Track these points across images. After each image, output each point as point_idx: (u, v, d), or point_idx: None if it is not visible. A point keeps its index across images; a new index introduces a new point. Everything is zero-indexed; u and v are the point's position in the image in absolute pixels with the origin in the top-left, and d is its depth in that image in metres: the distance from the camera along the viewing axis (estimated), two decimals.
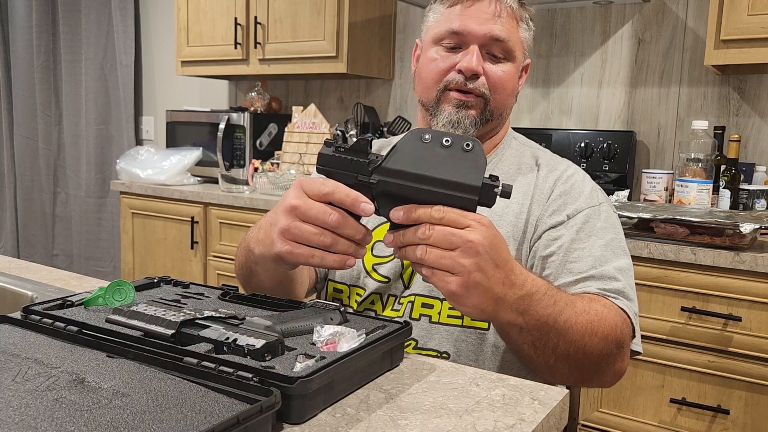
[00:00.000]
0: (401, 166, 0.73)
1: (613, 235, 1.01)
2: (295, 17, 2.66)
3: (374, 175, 0.73)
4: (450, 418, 0.62)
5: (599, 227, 1.00)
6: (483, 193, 0.72)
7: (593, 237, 0.99)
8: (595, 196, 1.04)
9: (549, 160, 1.11)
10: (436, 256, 0.71)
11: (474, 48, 1.02)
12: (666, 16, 2.28)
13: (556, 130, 2.41)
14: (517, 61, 1.07)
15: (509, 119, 1.16)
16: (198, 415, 0.54)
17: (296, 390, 0.58)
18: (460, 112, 1.04)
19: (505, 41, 1.03)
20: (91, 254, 3.81)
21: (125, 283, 0.82)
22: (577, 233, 0.99)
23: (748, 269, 1.60)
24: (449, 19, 1.04)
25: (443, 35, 1.04)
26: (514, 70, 1.06)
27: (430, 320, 1.01)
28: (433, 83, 1.05)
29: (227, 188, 2.64)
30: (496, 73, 1.04)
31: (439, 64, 1.04)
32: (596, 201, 1.03)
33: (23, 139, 3.99)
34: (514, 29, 1.05)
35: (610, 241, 0.99)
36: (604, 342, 0.86)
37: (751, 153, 2.17)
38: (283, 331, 0.71)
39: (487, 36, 1.02)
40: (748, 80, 2.16)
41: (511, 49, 1.04)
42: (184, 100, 3.52)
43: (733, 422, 1.67)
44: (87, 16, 3.70)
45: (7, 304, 1.06)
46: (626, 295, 0.95)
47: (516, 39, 1.05)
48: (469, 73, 1.02)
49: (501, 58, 1.04)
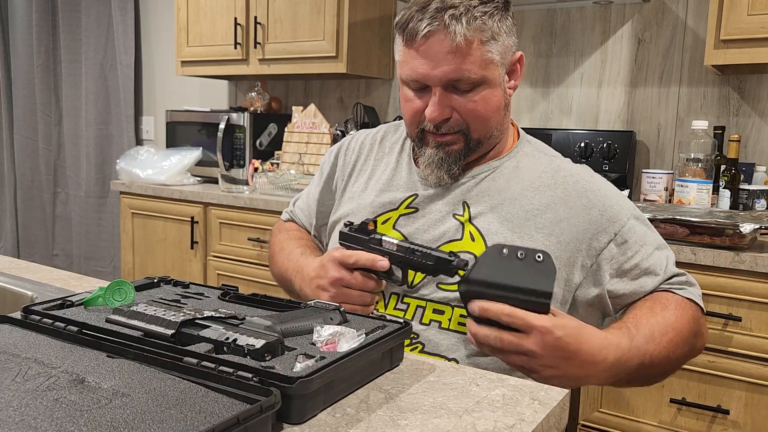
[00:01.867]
0: (483, 276, 0.85)
1: (651, 231, 1.06)
2: (295, 17, 2.66)
3: (462, 285, 0.88)
4: (450, 418, 0.62)
5: (643, 232, 1.04)
6: (442, 266, 0.93)
7: (645, 246, 1.03)
8: (627, 204, 1.06)
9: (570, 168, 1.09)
10: (513, 359, 0.84)
11: (436, 91, 0.99)
12: (666, 16, 2.28)
13: (556, 130, 2.41)
14: (493, 79, 1.01)
15: (509, 123, 1.12)
16: (198, 415, 0.54)
17: (296, 390, 0.58)
18: (440, 152, 1.04)
19: (464, 78, 0.98)
20: (91, 254, 3.81)
21: (125, 283, 0.82)
22: (636, 253, 1.02)
23: (748, 269, 1.60)
24: (408, 63, 1.01)
25: (407, 80, 1.03)
26: (490, 90, 1.01)
27: (440, 326, 1.01)
28: (410, 124, 1.07)
29: (227, 188, 2.64)
30: (467, 106, 1.00)
31: (412, 107, 1.04)
32: (632, 209, 1.06)
33: (23, 139, 3.99)
34: (475, 55, 0.97)
35: (654, 240, 1.05)
36: (685, 345, 0.96)
37: (751, 153, 2.17)
38: (283, 331, 0.71)
39: (443, 79, 0.98)
40: (748, 80, 2.16)
41: (476, 78, 0.98)
42: (184, 100, 3.52)
43: (733, 422, 1.67)
44: (87, 16, 3.69)
45: (7, 304, 1.06)
46: (689, 282, 1.04)
47: (479, 64, 0.98)
48: (435, 122, 1.01)
49: (469, 89, 1.00)
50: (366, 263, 0.97)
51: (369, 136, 1.24)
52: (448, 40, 0.96)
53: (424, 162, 1.06)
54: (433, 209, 1.07)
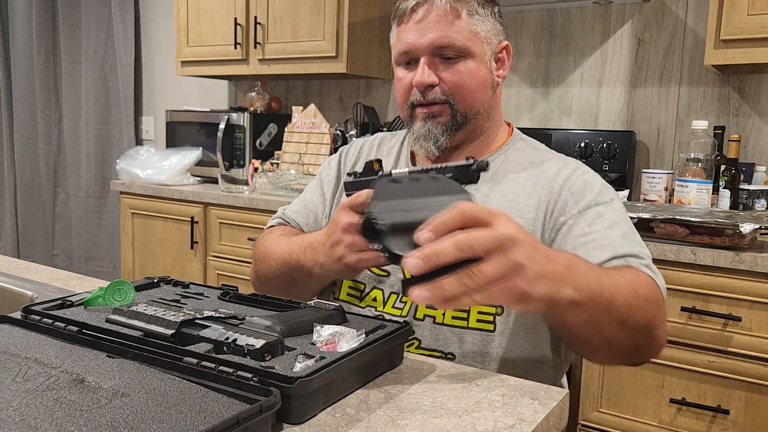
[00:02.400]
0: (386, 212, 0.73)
1: (627, 228, 1.00)
2: (295, 17, 2.66)
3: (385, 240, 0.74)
4: (450, 418, 0.62)
5: (613, 220, 0.99)
6: (462, 174, 0.82)
7: (609, 229, 0.97)
8: (605, 193, 1.03)
9: (558, 159, 1.09)
10: (490, 272, 0.63)
11: (422, 61, 1.03)
12: (666, 16, 2.28)
13: (556, 130, 2.41)
14: (478, 54, 1.05)
15: (500, 108, 1.14)
16: (198, 415, 0.54)
17: (296, 390, 0.58)
18: (428, 123, 1.06)
19: (450, 44, 1.02)
20: (91, 254, 3.81)
21: (125, 283, 0.82)
22: (590, 226, 0.98)
23: (748, 269, 1.60)
24: (399, 40, 1.07)
25: (398, 56, 1.08)
26: (475, 65, 1.05)
27: (434, 321, 1.01)
28: (402, 103, 1.09)
29: (227, 188, 2.64)
30: (453, 76, 1.03)
31: (402, 84, 1.07)
32: (608, 198, 1.03)
33: (23, 139, 3.99)
34: (461, 25, 1.03)
35: (627, 233, 0.99)
36: (647, 303, 0.85)
37: (751, 153, 2.17)
38: (283, 331, 0.71)
39: (431, 46, 1.02)
40: (748, 80, 2.16)
41: (462, 47, 1.03)
42: (184, 100, 3.52)
43: (733, 422, 1.67)
44: (87, 16, 3.69)
45: (7, 304, 1.06)
46: (653, 270, 0.94)
47: (465, 34, 1.03)
48: (421, 87, 1.04)
49: (456, 58, 1.03)
50: None
51: (367, 142, 1.25)
52: (435, 10, 1.02)
53: (413, 137, 1.08)
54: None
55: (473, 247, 0.62)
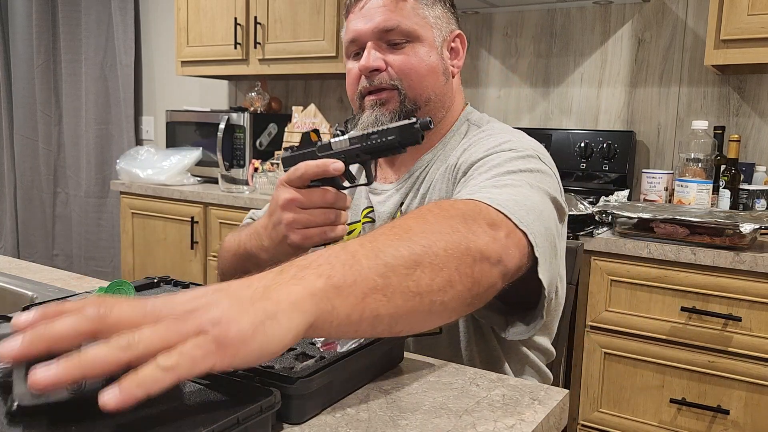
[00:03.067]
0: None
1: (528, 190, 0.79)
2: (295, 17, 2.66)
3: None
4: (450, 418, 0.62)
5: (495, 164, 0.85)
6: (405, 135, 0.79)
7: (484, 174, 0.83)
8: (506, 143, 0.90)
9: (480, 134, 1.00)
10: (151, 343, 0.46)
11: (368, 46, 1.00)
12: (666, 16, 2.28)
13: (556, 130, 2.41)
14: (427, 39, 1.01)
15: (460, 101, 1.08)
16: (198, 415, 0.54)
17: (296, 390, 0.58)
18: (375, 111, 1.01)
19: (395, 27, 0.99)
20: (91, 254, 3.81)
21: (125, 283, 0.82)
22: (467, 181, 0.86)
23: (748, 269, 1.60)
24: (347, 30, 1.05)
25: (347, 48, 1.05)
26: (425, 49, 1.01)
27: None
28: (352, 94, 1.05)
29: (227, 188, 2.64)
30: (399, 60, 1.00)
31: (351, 74, 1.05)
32: (507, 147, 0.89)
33: (23, 139, 3.99)
34: (407, 9, 1.00)
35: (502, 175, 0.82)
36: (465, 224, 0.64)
37: (751, 153, 2.17)
38: None
39: (375, 31, 1.00)
40: (748, 80, 2.16)
41: (408, 30, 0.99)
42: (184, 100, 3.52)
43: (733, 422, 1.67)
44: (87, 16, 3.69)
45: (7, 304, 1.06)
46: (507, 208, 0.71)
47: (412, 18, 1.00)
48: (366, 71, 1.00)
49: (403, 43, 1.00)
50: (316, 171, 0.81)
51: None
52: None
53: (362, 126, 1.02)
54: (383, 215, 1.07)
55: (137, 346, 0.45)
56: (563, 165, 2.27)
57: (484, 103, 2.63)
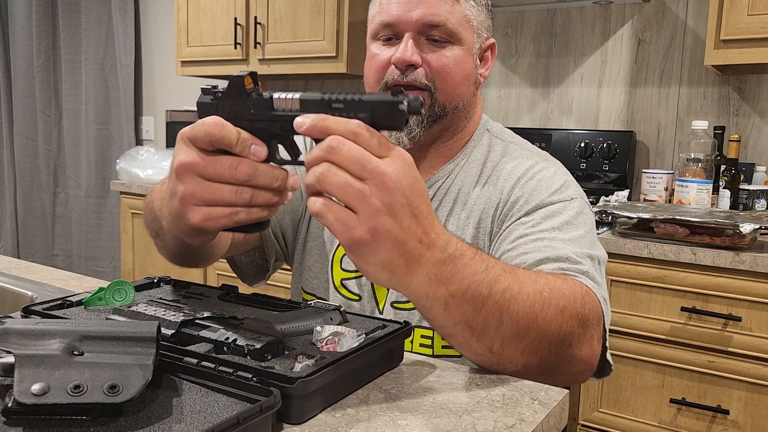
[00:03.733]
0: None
1: (581, 231, 0.86)
2: (295, 17, 2.66)
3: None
4: (450, 418, 0.62)
5: (565, 221, 0.87)
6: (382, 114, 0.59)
7: (555, 230, 0.85)
8: (565, 191, 0.92)
9: (516, 154, 0.99)
10: (340, 181, 0.56)
11: (407, 36, 0.92)
12: (666, 16, 2.28)
13: (556, 130, 2.41)
14: (467, 43, 0.95)
15: (480, 111, 1.04)
16: (198, 415, 0.54)
17: (296, 390, 0.58)
18: None
19: (441, 24, 0.91)
20: (91, 254, 3.81)
21: (125, 283, 0.82)
22: (534, 227, 0.86)
23: (748, 269, 1.60)
24: (382, 11, 0.94)
25: (377, 29, 0.95)
26: (462, 54, 0.94)
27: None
28: (374, 81, 0.96)
29: None
30: (438, 60, 0.92)
31: (377, 60, 0.95)
32: (567, 196, 0.91)
33: (23, 139, 3.99)
34: (456, 7, 0.93)
35: (577, 237, 0.85)
36: (561, 316, 0.70)
37: (751, 153, 2.17)
38: (283, 331, 0.71)
39: (420, 22, 0.91)
40: (748, 80, 2.16)
41: (453, 30, 0.92)
42: (184, 100, 3.52)
43: (733, 422, 1.67)
44: (87, 16, 3.70)
45: (7, 304, 1.06)
46: (592, 277, 0.80)
47: (458, 18, 0.93)
48: (402, 65, 0.91)
49: (443, 42, 0.93)
50: (222, 139, 0.62)
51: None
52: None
53: None
54: None
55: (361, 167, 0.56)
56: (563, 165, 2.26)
57: (484, 104, 2.63)
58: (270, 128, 0.64)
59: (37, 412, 0.52)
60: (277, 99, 0.64)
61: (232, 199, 0.62)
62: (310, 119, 0.58)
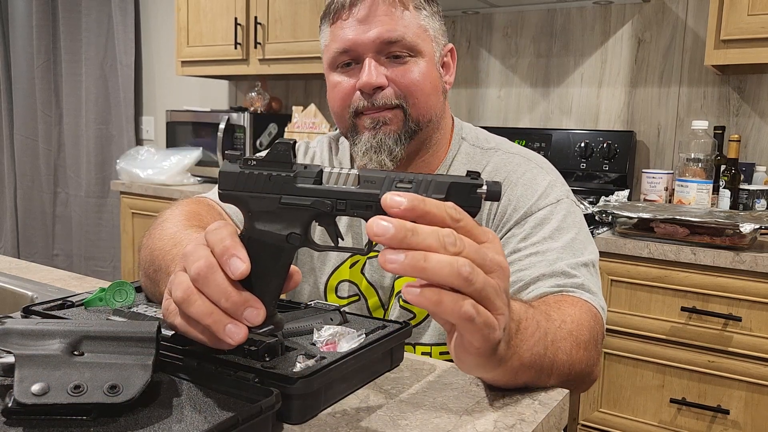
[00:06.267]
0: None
1: (573, 234, 0.89)
2: (295, 17, 2.66)
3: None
4: (450, 418, 0.62)
5: (555, 227, 0.89)
6: (461, 195, 0.52)
7: (549, 240, 0.87)
8: (551, 193, 0.93)
9: (498, 162, 0.98)
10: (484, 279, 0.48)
11: (368, 59, 0.90)
12: (666, 16, 2.28)
13: (556, 130, 2.41)
14: (428, 54, 0.93)
15: (450, 120, 1.02)
16: (198, 415, 0.54)
17: (296, 390, 0.58)
18: (378, 133, 0.91)
19: (400, 39, 0.89)
20: (91, 254, 3.81)
21: (126, 284, 0.82)
22: (526, 239, 0.88)
23: (748, 269, 1.60)
24: (335, 38, 0.92)
25: (335, 57, 0.93)
26: (426, 65, 0.92)
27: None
28: (342, 110, 0.94)
29: None
30: (404, 77, 0.90)
31: (341, 89, 0.93)
32: (553, 199, 0.92)
33: (23, 139, 3.99)
34: (409, 19, 0.91)
35: (570, 241, 0.87)
36: (587, 351, 0.74)
37: (751, 153, 2.17)
38: (283, 332, 0.71)
39: (378, 41, 0.89)
40: (748, 80, 2.16)
41: (412, 43, 0.90)
42: (184, 100, 3.52)
43: (733, 422, 1.67)
44: (87, 16, 3.70)
45: (7, 304, 1.06)
46: (588, 288, 0.82)
47: (415, 30, 0.91)
48: (369, 89, 0.90)
49: (405, 56, 0.91)
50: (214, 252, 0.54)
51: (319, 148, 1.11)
52: (380, 3, 0.89)
53: (361, 150, 0.92)
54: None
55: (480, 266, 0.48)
56: (563, 165, 2.27)
57: (484, 103, 2.63)
58: (316, 206, 0.54)
59: (37, 412, 0.52)
60: (328, 173, 0.54)
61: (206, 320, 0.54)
62: (407, 199, 0.47)
